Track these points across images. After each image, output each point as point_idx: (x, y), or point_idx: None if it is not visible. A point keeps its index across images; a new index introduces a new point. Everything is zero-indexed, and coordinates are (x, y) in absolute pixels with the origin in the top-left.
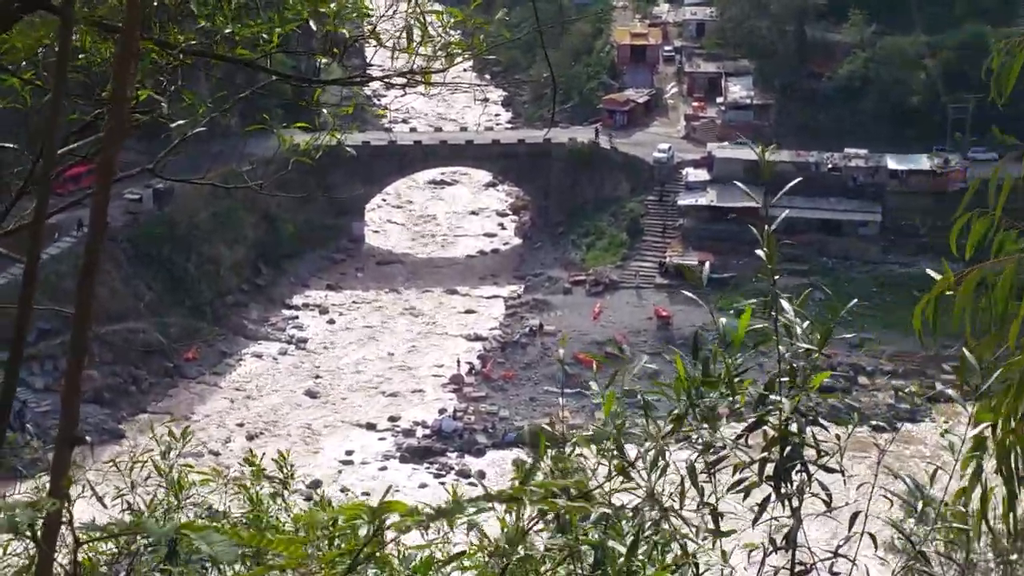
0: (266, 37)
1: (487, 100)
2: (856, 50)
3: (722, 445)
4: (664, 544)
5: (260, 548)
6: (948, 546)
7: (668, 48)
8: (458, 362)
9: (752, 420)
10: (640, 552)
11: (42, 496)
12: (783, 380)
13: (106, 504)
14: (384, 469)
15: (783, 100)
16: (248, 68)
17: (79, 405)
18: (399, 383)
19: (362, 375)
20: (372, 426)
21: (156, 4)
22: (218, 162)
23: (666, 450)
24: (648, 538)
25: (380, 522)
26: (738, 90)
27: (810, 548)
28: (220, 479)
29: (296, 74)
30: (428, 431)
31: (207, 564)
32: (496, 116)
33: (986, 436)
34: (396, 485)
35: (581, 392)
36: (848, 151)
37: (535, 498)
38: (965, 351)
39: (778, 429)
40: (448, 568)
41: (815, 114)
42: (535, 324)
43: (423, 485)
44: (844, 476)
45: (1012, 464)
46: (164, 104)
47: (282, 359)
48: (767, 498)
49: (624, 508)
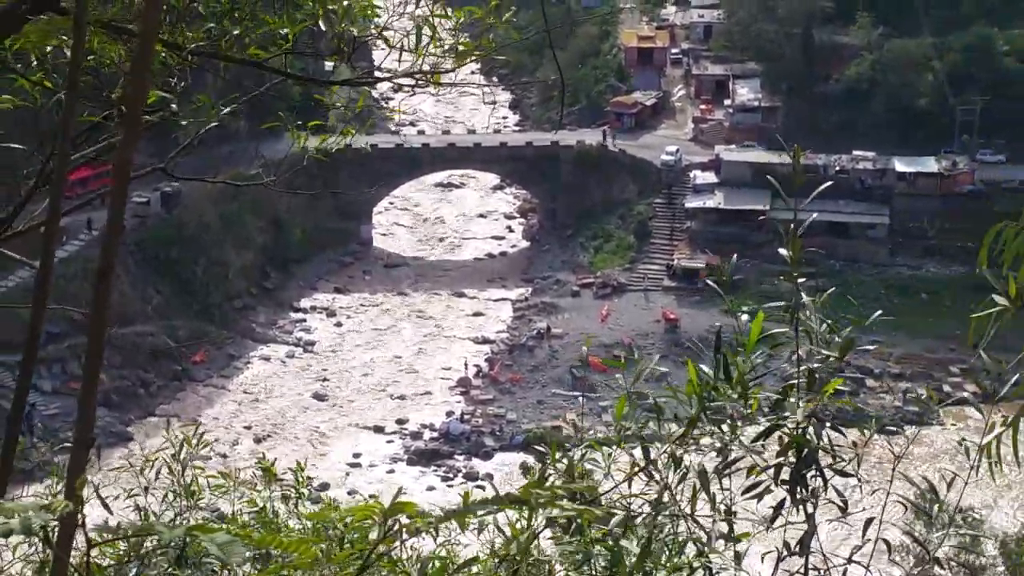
0: (282, 33)
1: (496, 102)
2: (863, 52)
3: (736, 448)
4: (678, 548)
5: (268, 551)
6: (959, 551)
7: (675, 51)
8: (466, 365)
9: (768, 424)
10: (653, 555)
11: (55, 498)
12: (801, 383)
13: (112, 510)
14: (392, 472)
15: (790, 102)
16: (257, 69)
17: (95, 407)
18: (406, 386)
19: (370, 378)
20: (380, 429)
21: (164, 6)
22: (227, 165)
23: (678, 452)
24: (662, 540)
25: (391, 523)
26: (745, 93)
27: (824, 554)
28: (230, 482)
29: (305, 75)
30: (435, 434)
31: (216, 568)
32: (504, 119)
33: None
34: (404, 488)
35: (586, 395)
36: (856, 153)
37: (541, 501)
38: (983, 354)
39: (794, 434)
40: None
41: (822, 116)
42: (543, 327)
43: (431, 488)
44: (860, 482)
45: None
46: (174, 105)
47: (290, 362)
48: (782, 502)
49: (637, 512)
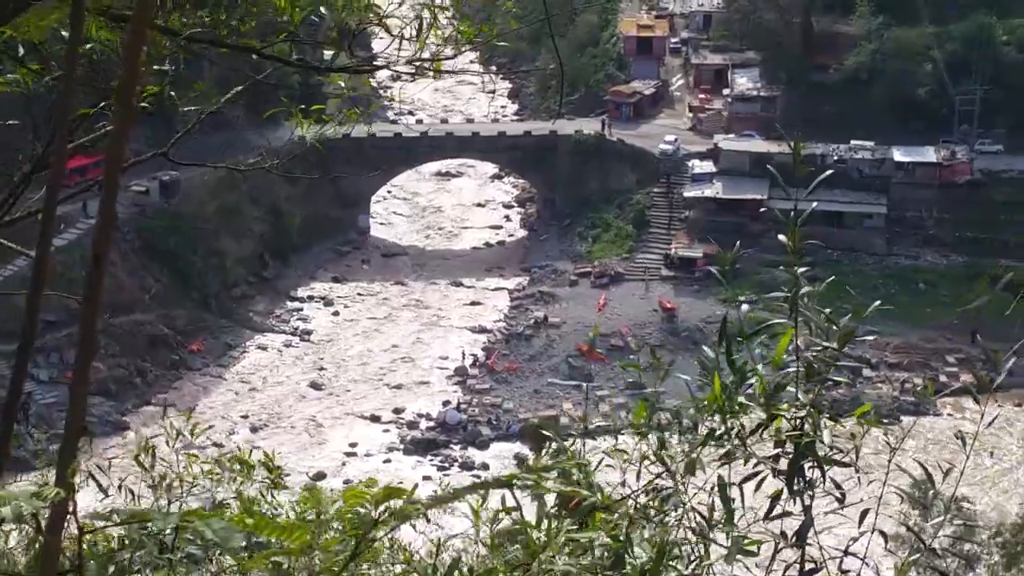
0: (282, 21)
1: (494, 91)
2: (863, 42)
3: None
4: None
5: (258, 538)
6: (954, 541)
7: (675, 40)
8: (463, 354)
9: (766, 416)
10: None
11: (46, 486)
12: (800, 373)
13: (107, 493)
14: (388, 461)
15: (789, 92)
16: (256, 56)
17: (87, 396)
18: (403, 375)
19: (367, 367)
20: (376, 418)
21: None
22: (226, 153)
23: (698, 463)
24: (674, 546)
25: (383, 508)
26: (744, 82)
27: (820, 546)
28: (222, 470)
29: (305, 62)
30: (432, 423)
31: (200, 556)
32: (502, 108)
33: None
34: (400, 477)
35: (583, 384)
36: (854, 143)
37: (525, 483)
38: (978, 337)
39: (793, 425)
40: None
41: (821, 106)
42: (540, 316)
43: (427, 477)
44: (857, 471)
45: None
46: (171, 92)
47: (287, 351)
48: (779, 493)
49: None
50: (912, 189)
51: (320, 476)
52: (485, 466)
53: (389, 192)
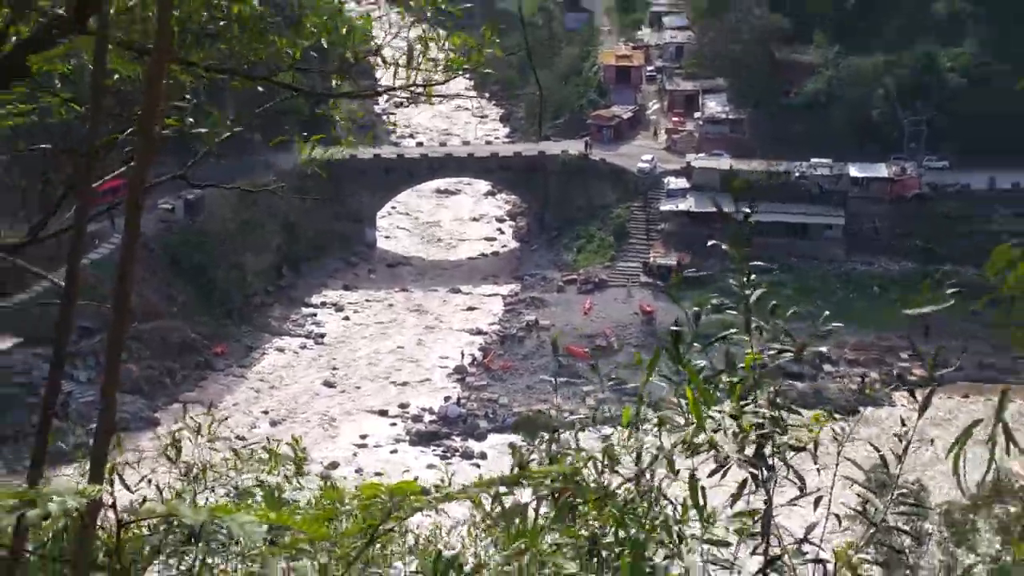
0: (289, 52)
1: (486, 116)
2: (820, 69)
3: (723, 454)
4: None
5: (281, 527)
6: (905, 519)
7: (650, 68)
8: (462, 354)
9: (730, 413)
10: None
11: (84, 482)
12: (759, 375)
13: (132, 490)
14: (395, 452)
15: (755, 115)
16: (268, 84)
17: (116, 400)
18: (408, 373)
19: (375, 366)
20: (384, 412)
21: (179, 28)
22: (243, 174)
23: (674, 461)
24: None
25: (396, 501)
26: (714, 106)
27: (780, 533)
28: (243, 461)
29: (310, 89)
30: (434, 417)
31: (225, 543)
32: (495, 131)
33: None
34: (406, 466)
35: (571, 381)
36: (814, 160)
37: (531, 482)
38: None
39: (758, 422)
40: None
41: (784, 127)
42: (531, 319)
43: (430, 466)
44: (815, 459)
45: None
46: (191, 119)
47: (302, 352)
48: (744, 482)
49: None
50: (867, 202)
51: (334, 465)
52: (483, 455)
53: (393, 208)
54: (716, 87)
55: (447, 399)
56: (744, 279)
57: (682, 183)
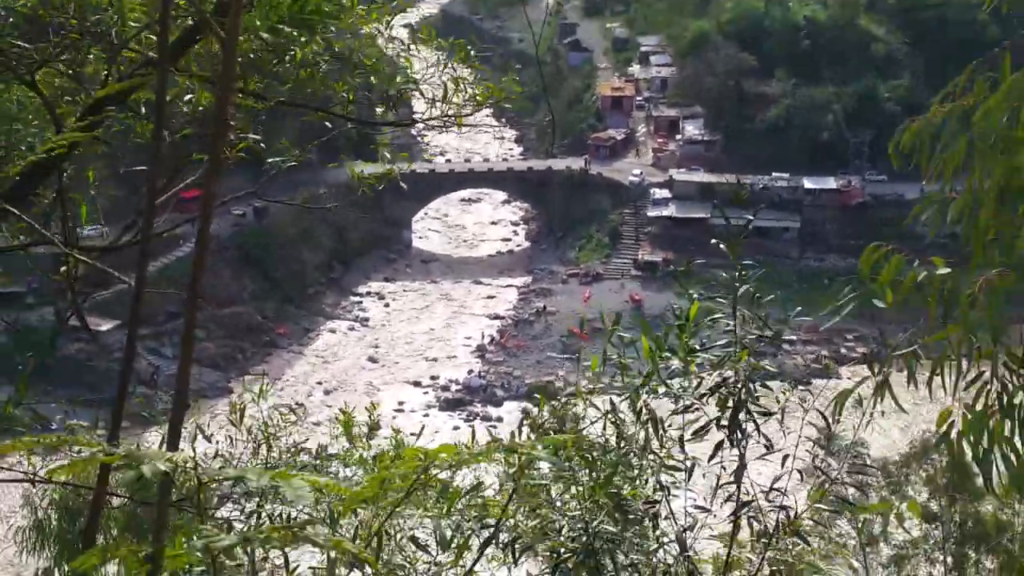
0: (345, 92)
1: (503, 138)
2: (780, 99)
3: (686, 398)
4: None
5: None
6: (851, 474)
7: (639, 99)
8: (482, 335)
9: (712, 384)
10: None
11: (167, 449)
12: (736, 351)
13: (211, 441)
14: (427, 415)
15: (726, 137)
16: (325, 114)
17: (189, 375)
18: (438, 351)
19: (410, 345)
20: (418, 383)
21: (247, 65)
22: (303, 188)
23: (642, 398)
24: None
25: (432, 461)
26: (692, 130)
27: (751, 483)
28: (300, 422)
29: (360, 119)
30: (460, 386)
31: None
32: (511, 150)
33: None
34: (436, 427)
35: (571, 357)
36: (774, 175)
37: (544, 452)
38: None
39: (732, 389)
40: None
41: (750, 147)
42: (540, 306)
43: (456, 428)
44: (781, 424)
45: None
46: (262, 144)
47: (350, 333)
48: (721, 443)
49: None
50: (818, 209)
51: (376, 426)
52: (500, 419)
53: (426, 214)
54: (694, 114)
55: (470, 372)
56: (736, 273)
57: (665, 193)
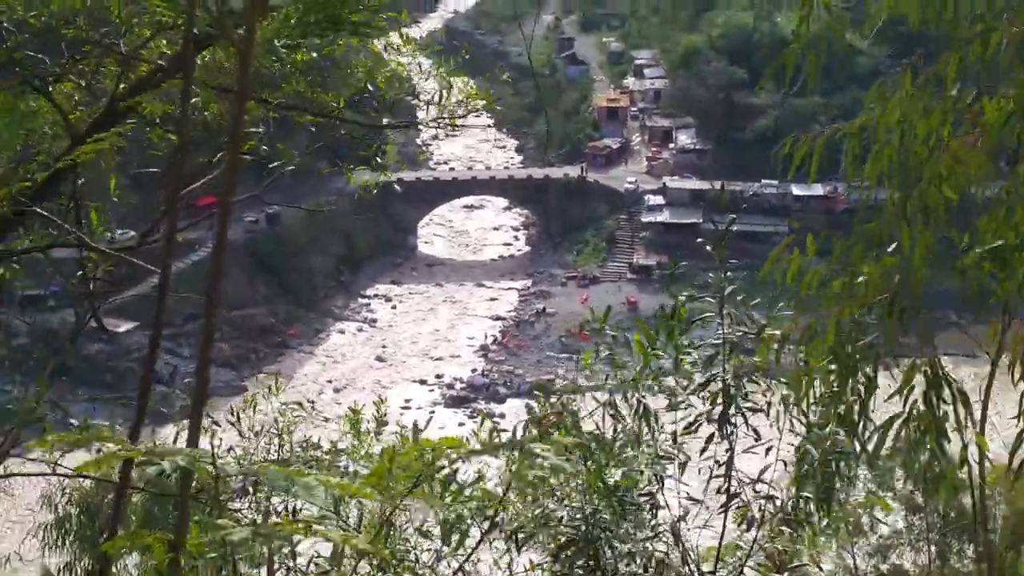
0: (342, 96)
1: (504, 147)
2: (769, 110)
3: (679, 394)
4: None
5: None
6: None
7: (634, 109)
8: (485, 335)
9: (703, 379)
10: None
11: (183, 441)
12: (726, 348)
13: (244, 435)
14: (433, 412)
15: (717, 146)
16: (328, 120)
17: (208, 375)
18: (443, 350)
19: (416, 345)
20: (424, 381)
21: (256, 72)
22: (312, 194)
23: (636, 392)
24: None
25: (438, 454)
26: (684, 139)
27: (739, 473)
28: (311, 417)
29: (360, 122)
30: (464, 384)
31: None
32: (511, 159)
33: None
34: (442, 424)
35: (571, 357)
36: (764, 182)
37: (547, 450)
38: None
39: (722, 385)
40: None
41: (740, 156)
42: (540, 308)
43: (461, 424)
44: (768, 417)
45: None
46: (265, 148)
47: (359, 334)
48: (712, 435)
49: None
50: (806, 215)
51: (383, 423)
52: (503, 415)
53: (431, 220)
54: (686, 124)
55: (474, 370)
56: (722, 275)
57: (659, 200)
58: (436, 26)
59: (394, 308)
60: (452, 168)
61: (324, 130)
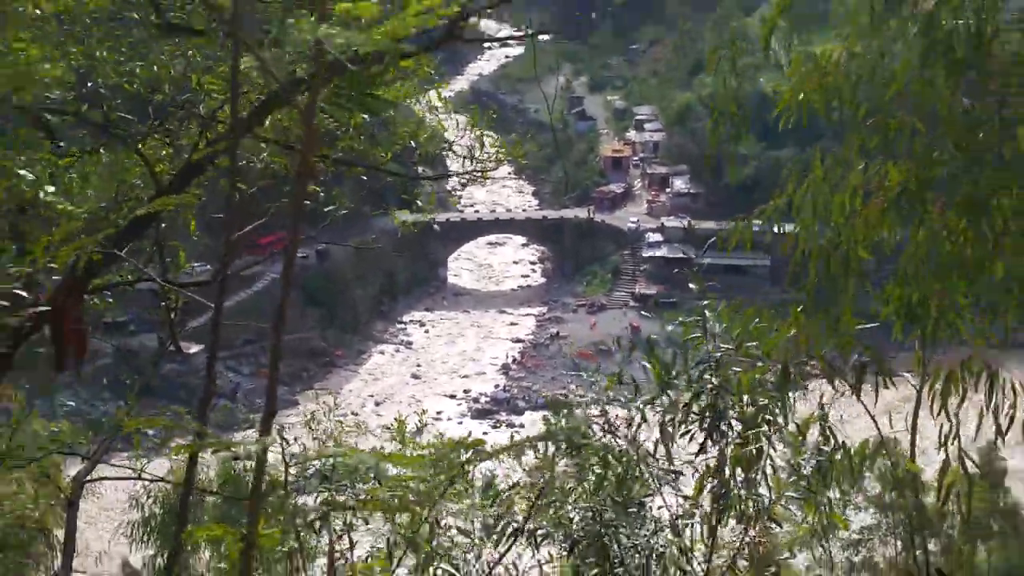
0: (383, 153)
1: (522, 192)
2: (751, 160)
3: (678, 412)
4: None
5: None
6: (818, 467)
7: (635, 158)
8: (506, 355)
9: (692, 393)
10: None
11: (260, 439)
12: (712, 366)
13: (287, 444)
14: (461, 423)
15: (708, 190)
16: (375, 171)
17: (276, 390)
18: (469, 369)
19: (447, 364)
20: (453, 396)
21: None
22: (358, 234)
23: (646, 413)
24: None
25: (469, 454)
26: (680, 184)
27: (733, 477)
28: (361, 430)
29: (403, 174)
30: (488, 399)
31: (346, 484)
32: (528, 202)
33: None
34: (468, 431)
35: (580, 374)
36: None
37: (558, 441)
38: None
39: (711, 397)
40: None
41: (728, 199)
42: (554, 332)
43: (485, 433)
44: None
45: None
46: (321, 194)
47: (396, 354)
48: (704, 442)
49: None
50: (780, 251)
51: (420, 432)
52: (522, 425)
53: (459, 255)
54: (681, 171)
55: (496, 386)
56: (704, 303)
57: (658, 237)
58: (464, 86)
59: (427, 332)
60: (477, 210)
61: (371, 178)
